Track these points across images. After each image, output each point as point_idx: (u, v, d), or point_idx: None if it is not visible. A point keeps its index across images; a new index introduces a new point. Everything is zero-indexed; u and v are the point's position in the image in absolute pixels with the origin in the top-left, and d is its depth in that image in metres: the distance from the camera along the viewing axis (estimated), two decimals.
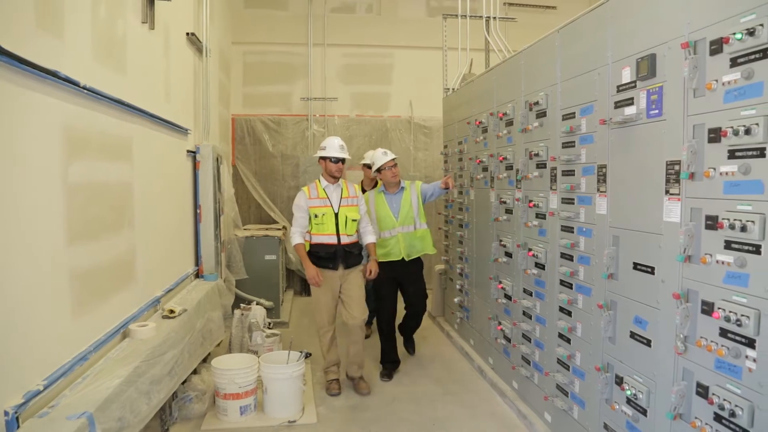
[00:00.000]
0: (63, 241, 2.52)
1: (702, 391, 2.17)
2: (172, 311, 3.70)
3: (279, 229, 7.21)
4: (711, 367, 2.13)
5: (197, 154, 5.01)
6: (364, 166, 5.83)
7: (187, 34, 4.83)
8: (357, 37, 8.37)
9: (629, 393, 2.62)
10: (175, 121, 4.34)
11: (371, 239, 4.55)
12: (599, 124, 2.88)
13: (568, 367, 3.32)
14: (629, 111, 2.65)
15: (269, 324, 5.33)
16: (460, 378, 4.77)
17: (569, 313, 3.30)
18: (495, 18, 6.18)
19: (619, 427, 2.79)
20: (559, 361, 3.42)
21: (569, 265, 3.27)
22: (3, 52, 2.00)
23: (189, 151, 4.87)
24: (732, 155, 2.03)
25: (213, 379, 3.95)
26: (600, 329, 2.88)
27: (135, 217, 3.43)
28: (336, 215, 4.32)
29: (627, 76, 2.67)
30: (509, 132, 4.22)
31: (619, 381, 2.75)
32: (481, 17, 6.27)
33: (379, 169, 4.80)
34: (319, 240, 4.33)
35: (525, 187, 3.94)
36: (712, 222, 2.13)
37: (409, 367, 5.00)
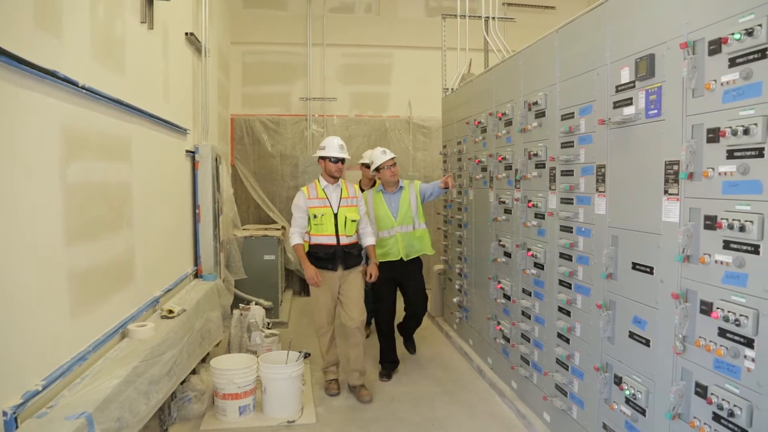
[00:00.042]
0: (62, 241, 2.52)
1: (701, 391, 2.18)
2: (171, 311, 3.70)
3: (278, 229, 7.21)
4: (710, 367, 2.14)
5: (196, 154, 5.01)
6: (362, 165, 5.81)
7: (186, 34, 4.83)
8: (356, 37, 8.37)
9: (628, 393, 2.62)
10: (174, 121, 4.34)
11: (371, 241, 4.49)
12: (598, 124, 2.88)
13: (567, 367, 3.32)
14: (628, 111, 2.65)
15: (268, 324, 5.32)
16: (459, 378, 4.77)
17: (568, 313, 3.31)
18: (494, 18, 6.19)
19: (618, 427, 2.79)
20: (558, 361, 3.42)
21: (568, 265, 3.27)
22: (2, 52, 2.00)
23: (188, 151, 4.87)
24: (731, 155, 2.03)
25: (212, 379, 3.95)
26: (599, 329, 2.89)
27: (134, 217, 3.43)
28: (335, 216, 4.29)
29: (626, 76, 2.67)
30: (508, 132, 4.22)
31: (618, 381, 2.75)
32: (480, 17, 6.27)
33: (378, 168, 4.75)
34: (318, 240, 4.29)
35: (524, 187, 3.94)
36: (710, 222, 2.13)
37: (408, 367, 5.00)
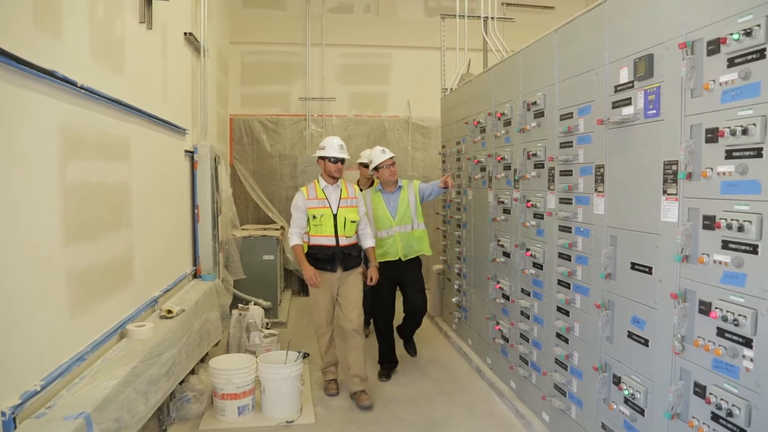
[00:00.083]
0: (60, 241, 2.52)
1: (699, 391, 2.18)
2: (169, 311, 3.69)
3: (277, 229, 7.21)
4: (708, 367, 2.14)
5: (195, 154, 5.00)
6: (360, 165, 5.80)
7: (185, 33, 4.82)
8: (355, 37, 8.37)
9: (627, 393, 2.62)
10: (173, 121, 4.33)
11: (370, 243, 4.43)
12: (597, 124, 2.88)
13: (566, 367, 3.33)
14: (627, 111, 2.65)
15: (267, 324, 5.32)
16: (458, 378, 4.77)
17: (567, 313, 3.31)
18: (493, 18, 6.19)
19: (617, 427, 2.79)
20: (557, 361, 3.42)
21: (567, 265, 3.28)
22: (1, 52, 2.00)
23: (187, 151, 4.86)
24: (729, 155, 2.03)
25: (211, 380, 3.95)
26: (598, 329, 2.89)
27: (133, 217, 3.43)
28: (335, 216, 4.24)
29: (624, 76, 2.67)
30: (507, 132, 4.22)
31: (617, 381, 2.76)
32: (479, 17, 6.27)
33: (377, 168, 4.71)
34: (318, 241, 4.25)
35: (523, 187, 3.94)
36: (709, 222, 2.13)
37: (407, 368, 4.99)
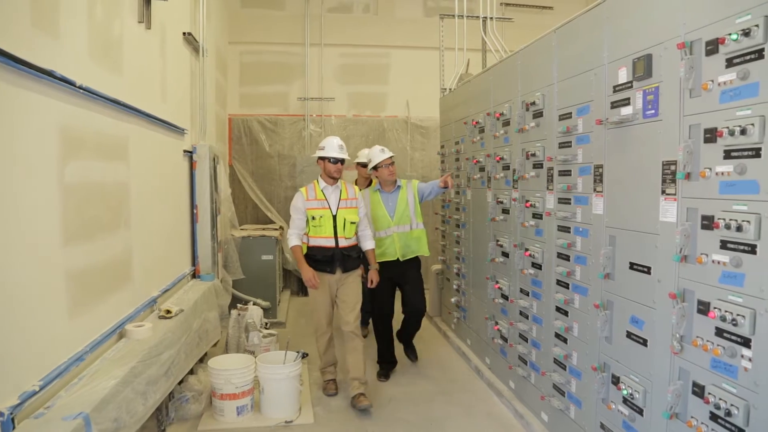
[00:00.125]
0: (59, 242, 2.52)
1: (698, 391, 2.18)
2: (168, 311, 3.69)
3: (276, 229, 7.20)
4: (707, 367, 2.14)
5: (194, 154, 5.00)
6: (358, 164, 5.79)
7: (184, 33, 4.82)
8: (354, 37, 8.37)
9: (626, 392, 2.62)
10: (172, 121, 4.33)
11: (371, 246, 4.39)
12: (596, 124, 2.88)
13: (564, 367, 3.33)
14: (625, 111, 2.66)
15: (266, 324, 5.32)
16: (457, 378, 4.77)
17: (566, 313, 3.31)
18: (492, 18, 6.19)
19: (616, 427, 2.79)
20: (556, 361, 3.42)
21: (566, 265, 3.28)
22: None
23: (186, 151, 4.86)
24: (728, 155, 2.04)
25: (210, 380, 3.94)
26: (596, 329, 2.89)
27: (131, 217, 3.42)
28: (334, 217, 4.20)
29: (623, 76, 2.68)
30: (506, 132, 4.22)
31: (616, 381, 2.76)
32: (478, 17, 6.27)
33: (376, 167, 4.69)
34: (317, 243, 4.21)
35: (522, 187, 3.95)
36: (708, 222, 2.13)
37: (406, 368, 4.99)
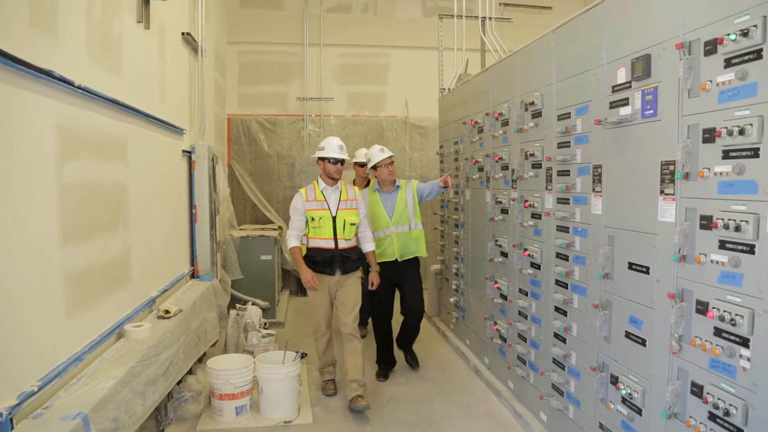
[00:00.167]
0: (58, 242, 2.51)
1: (697, 391, 2.18)
2: (167, 311, 3.69)
3: (275, 230, 7.20)
4: (705, 367, 2.14)
5: (193, 154, 5.00)
6: (355, 164, 5.78)
7: (183, 33, 4.82)
8: (353, 37, 8.37)
9: (624, 392, 2.63)
10: (171, 121, 4.33)
11: (371, 247, 4.36)
12: (594, 124, 2.89)
13: (563, 367, 3.33)
14: (624, 111, 2.66)
15: (265, 324, 5.31)
16: (456, 378, 4.78)
17: (565, 313, 3.31)
18: (491, 18, 6.20)
19: (615, 427, 2.80)
20: (555, 361, 3.42)
21: (565, 265, 3.28)
22: None
23: (184, 151, 4.86)
24: (726, 155, 2.04)
25: (208, 380, 3.94)
26: (595, 329, 2.89)
27: (130, 217, 3.42)
28: (334, 219, 4.16)
29: (622, 76, 2.68)
30: (505, 132, 4.22)
31: (615, 380, 2.76)
32: (477, 17, 6.28)
33: (375, 167, 4.67)
34: (316, 244, 4.17)
35: (520, 187, 3.95)
36: (706, 222, 2.13)
37: (405, 368, 4.99)
